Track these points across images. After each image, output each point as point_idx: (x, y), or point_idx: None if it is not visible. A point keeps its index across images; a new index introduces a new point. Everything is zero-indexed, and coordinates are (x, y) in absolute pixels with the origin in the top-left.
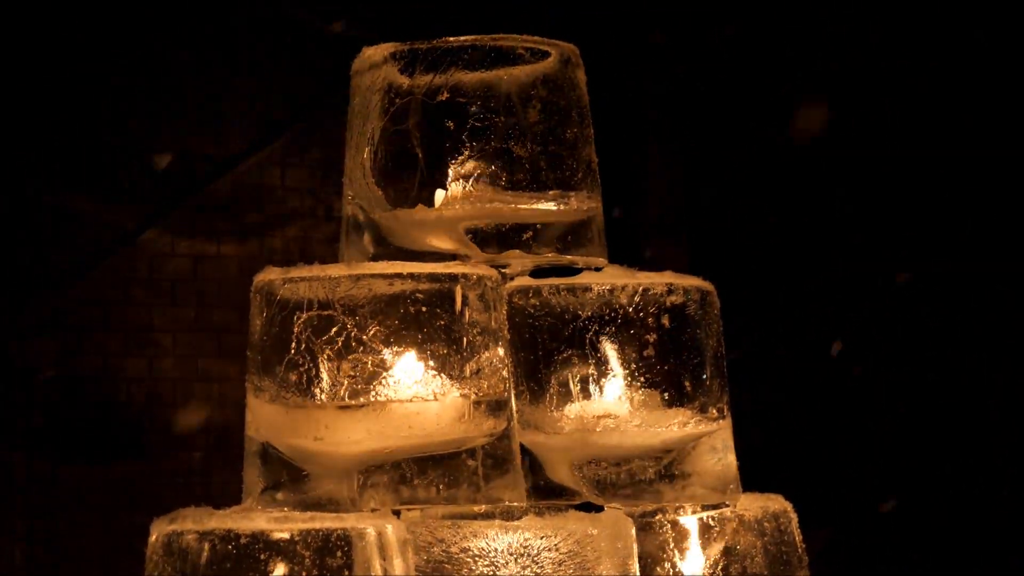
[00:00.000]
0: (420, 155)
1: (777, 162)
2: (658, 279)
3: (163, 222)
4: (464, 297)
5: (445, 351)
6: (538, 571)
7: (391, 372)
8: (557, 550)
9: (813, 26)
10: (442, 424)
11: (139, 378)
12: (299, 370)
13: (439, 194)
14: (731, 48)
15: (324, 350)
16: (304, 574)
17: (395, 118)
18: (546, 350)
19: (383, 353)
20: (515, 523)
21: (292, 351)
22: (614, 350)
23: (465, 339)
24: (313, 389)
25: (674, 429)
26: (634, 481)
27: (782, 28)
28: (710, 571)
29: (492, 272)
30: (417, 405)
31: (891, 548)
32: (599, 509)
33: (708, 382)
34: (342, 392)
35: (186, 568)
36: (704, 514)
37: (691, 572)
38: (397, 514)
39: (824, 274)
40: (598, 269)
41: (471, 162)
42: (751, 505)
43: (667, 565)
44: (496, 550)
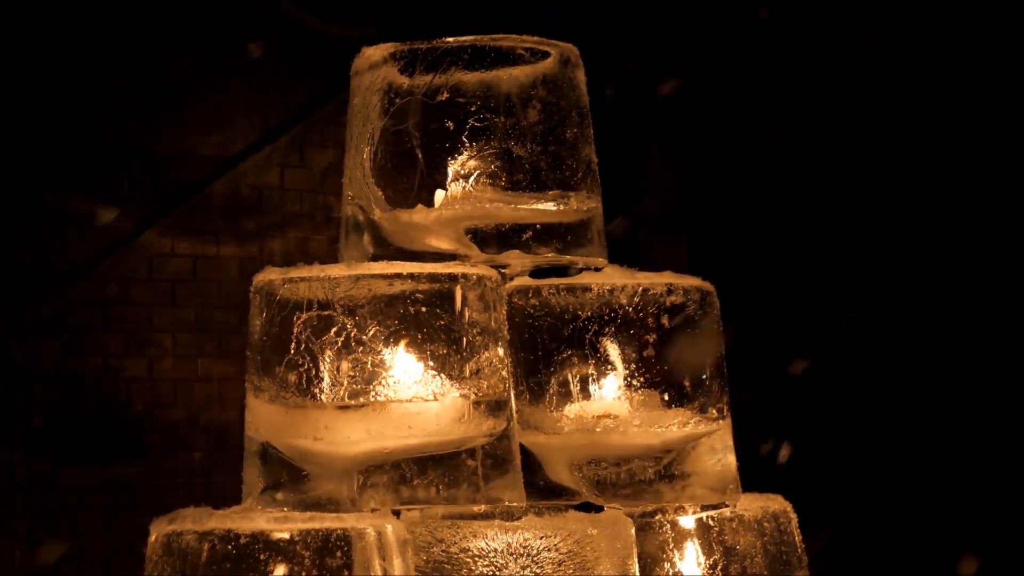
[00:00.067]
0: (420, 155)
1: (777, 162)
2: (658, 279)
3: (163, 223)
4: (464, 297)
5: (445, 351)
6: (538, 571)
7: (391, 372)
8: (557, 550)
9: (813, 26)
10: (442, 424)
11: (139, 378)
12: (299, 370)
13: (439, 194)
14: (731, 48)
15: (324, 350)
16: (304, 574)
17: (395, 118)
18: (546, 350)
19: (383, 353)
20: (515, 523)
21: (292, 351)
22: (614, 350)
23: (465, 339)
24: (313, 389)
25: (674, 429)
26: (634, 481)
27: (782, 28)
28: (709, 571)
29: (492, 272)
30: (417, 405)
31: (891, 548)
32: (599, 509)
33: (708, 382)
34: (342, 392)
35: (186, 568)
36: (704, 514)
37: (690, 572)
38: (397, 514)
39: (824, 274)
40: (598, 269)
41: (471, 162)
42: (751, 505)
43: (666, 565)
44: (496, 550)
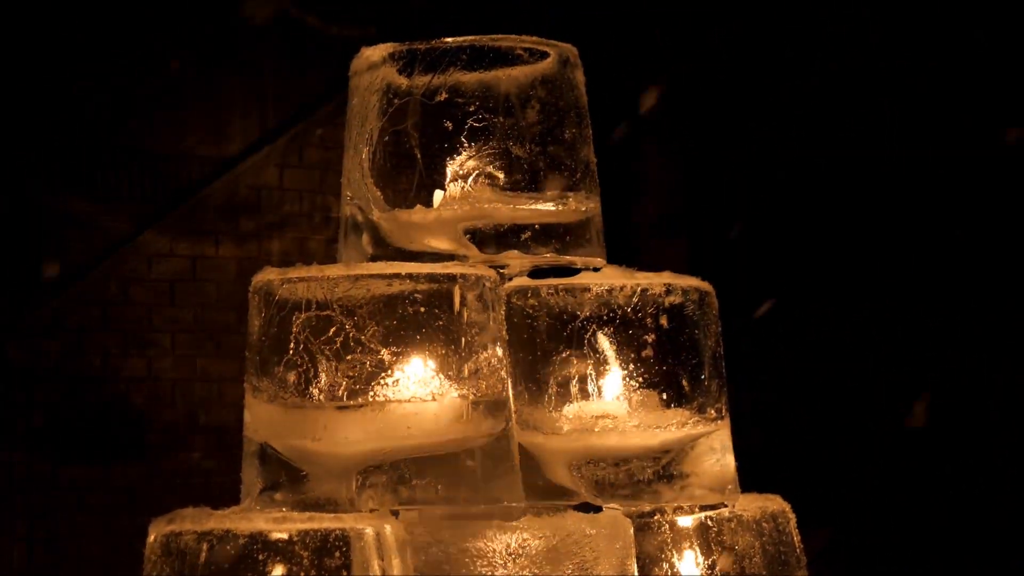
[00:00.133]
0: (418, 155)
1: (777, 162)
2: (656, 279)
3: (162, 223)
4: (462, 297)
5: (443, 351)
6: (536, 571)
7: (389, 372)
8: (555, 550)
9: (813, 26)
10: (440, 424)
11: (138, 378)
12: (297, 370)
13: (437, 195)
14: (731, 48)
15: (322, 350)
16: (302, 574)
17: (393, 118)
18: (544, 350)
19: (381, 353)
20: (513, 523)
21: (290, 351)
22: (612, 350)
23: (463, 339)
24: (311, 389)
25: (672, 429)
26: (632, 481)
27: (781, 28)
28: (708, 571)
29: (490, 272)
30: (415, 405)
31: (891, 548)
32: (597, 509)
33: (706, 382)
34: (340, 392)
35: (184, 568)
36: (702, 514)
37: (689, 572)
38: (396, 514)
39: (824, 274)
40: (596, 269)
41: (469, 162)
42: (749, 505)
43: (665, 565)
44: (494, 550)
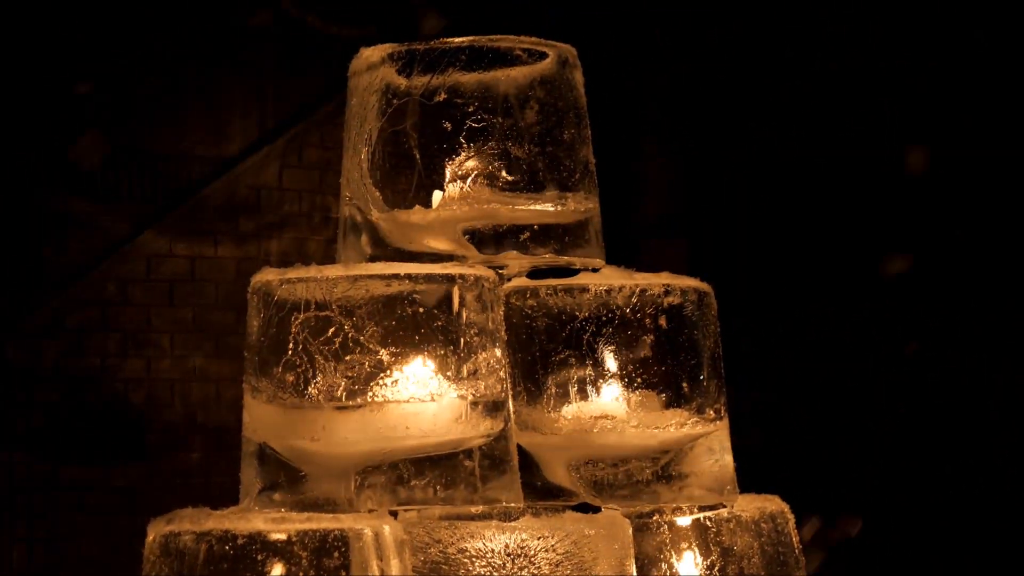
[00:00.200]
0: (417, 156)
1: (777, 162)
2: (655, 280)
3: (161, 223)
4: (461, 298)
5: (442, 352)
6: (535, 572)
7: (388, 373)
8: (554, 551)
9: (813, 26)
10: (439, 425)
11: (138, 379)
12: (296, 371)
13: (436, 195)
14: (731, 48)
15: (321, 351)
16: (301, 575)
17: (393, 119)
18: (543, 351)
19: (380, 354)
20: (512, 524)
21: (289, 352)
22: (611, 351)
23: (462, 340)
24: (310, 390)
25: (671, 430)
26: (631, 482)
27: (781, 28)
28: (707, 572)
29: (489, 273)
30: (414, 406)
31: (890, 548)
32: (596, 510)
33: (705, 383)
34: (339, 393)
35: (183, 569)
36: (701, 515)
37: (688, 573)
38: (394, 515)
39: (824, 274)
40: (595, 270)
41: (468, 163)
42: (748, 506)
43: (664, 566)
44: (493, 551)
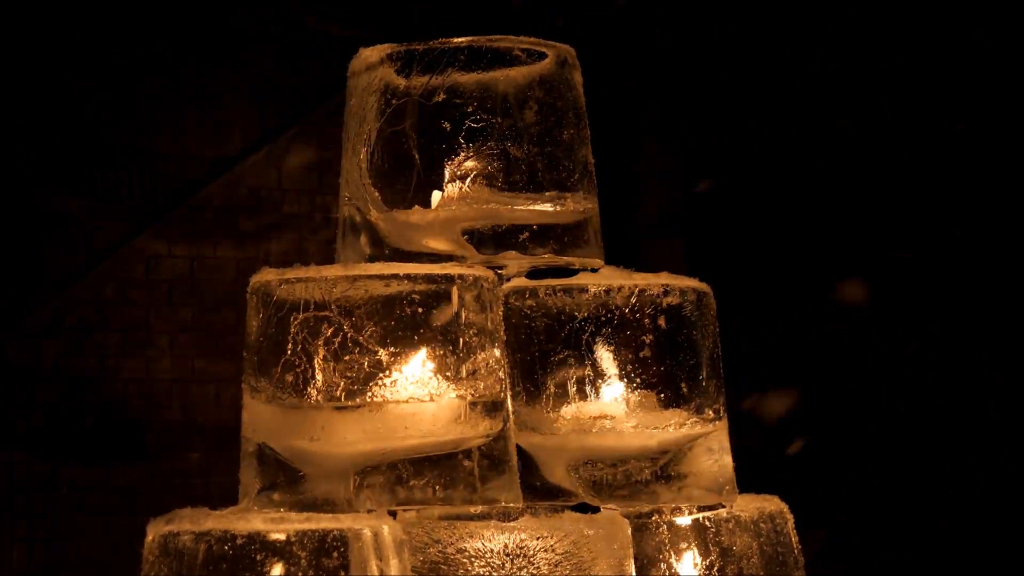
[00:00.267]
0: (416, 156)
1: (776, 162)
2: (654, 280)
3: (161, 223)
4: (460, 298)
5: (441, 352)
6: (534, 572)
7: (387, 373)
8: (553, 551)
9: (813, 26)
10: (438, 425)
11: (137, 379)
12: (295, 371)
13: (435, 195)
14: (731, 48)
15: (320, 351)
16: (300, 575)
17: (392, 119)
18: (542, 351)
19: (379, 354)
20: (511, 524)
21: (288, 352)
22: (610, 351)
23: (461, 340)
24: (309, 390)
25: (670, 430)
26: (630, 482)
27: (781, 28)
28: (706, 572)
29: (488, 273)
30: (413, 406)
31: (890, 548)
32: (595, 510)
33: (704, 383)
34: (338, 393)
35: (182, 569)
36: (700, 515)
37: (687, 573)
38: (393, 515)
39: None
40: (594, 270)
41: (467, 163)
42: (747, 506)
43: (663, 566)
44: (492, 551)
